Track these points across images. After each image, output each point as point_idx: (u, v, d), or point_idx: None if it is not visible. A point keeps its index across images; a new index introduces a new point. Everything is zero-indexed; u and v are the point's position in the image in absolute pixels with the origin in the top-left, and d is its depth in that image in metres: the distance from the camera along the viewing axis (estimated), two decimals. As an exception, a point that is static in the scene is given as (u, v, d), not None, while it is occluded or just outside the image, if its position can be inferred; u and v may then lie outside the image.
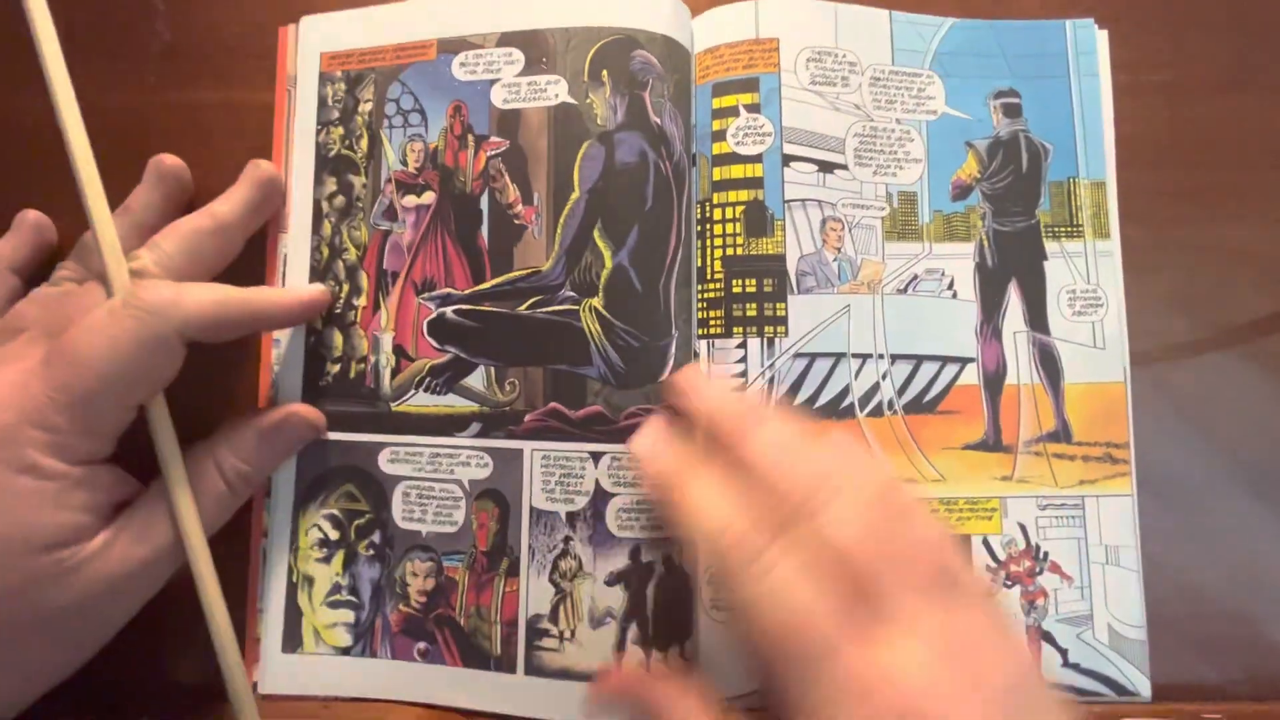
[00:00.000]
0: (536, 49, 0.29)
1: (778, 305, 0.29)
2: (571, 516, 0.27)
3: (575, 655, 0.27)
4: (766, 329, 0.29)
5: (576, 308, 0.28)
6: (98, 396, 0.23)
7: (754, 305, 0.29)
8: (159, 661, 0.28)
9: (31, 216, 0.30)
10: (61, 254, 0.29)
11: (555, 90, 0.29)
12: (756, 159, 0.29)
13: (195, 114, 0.31)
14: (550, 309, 0.28)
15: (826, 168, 0.30)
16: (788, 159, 0.29)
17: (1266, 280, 0.30)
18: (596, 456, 0.27)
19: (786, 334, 0.29)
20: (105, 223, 0.25)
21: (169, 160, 0.29)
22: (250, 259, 0.29)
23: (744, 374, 0.29)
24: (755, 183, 0.29)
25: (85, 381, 0.22)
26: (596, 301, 0.28)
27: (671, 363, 0.28)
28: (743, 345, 0.29)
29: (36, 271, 0.30)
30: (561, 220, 0.28)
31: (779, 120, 0.29)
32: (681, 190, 0.29)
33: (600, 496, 0.27)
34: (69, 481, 0.23)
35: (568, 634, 0.27)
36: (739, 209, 0.29)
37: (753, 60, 0.30)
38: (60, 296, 0.26)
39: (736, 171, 0.30)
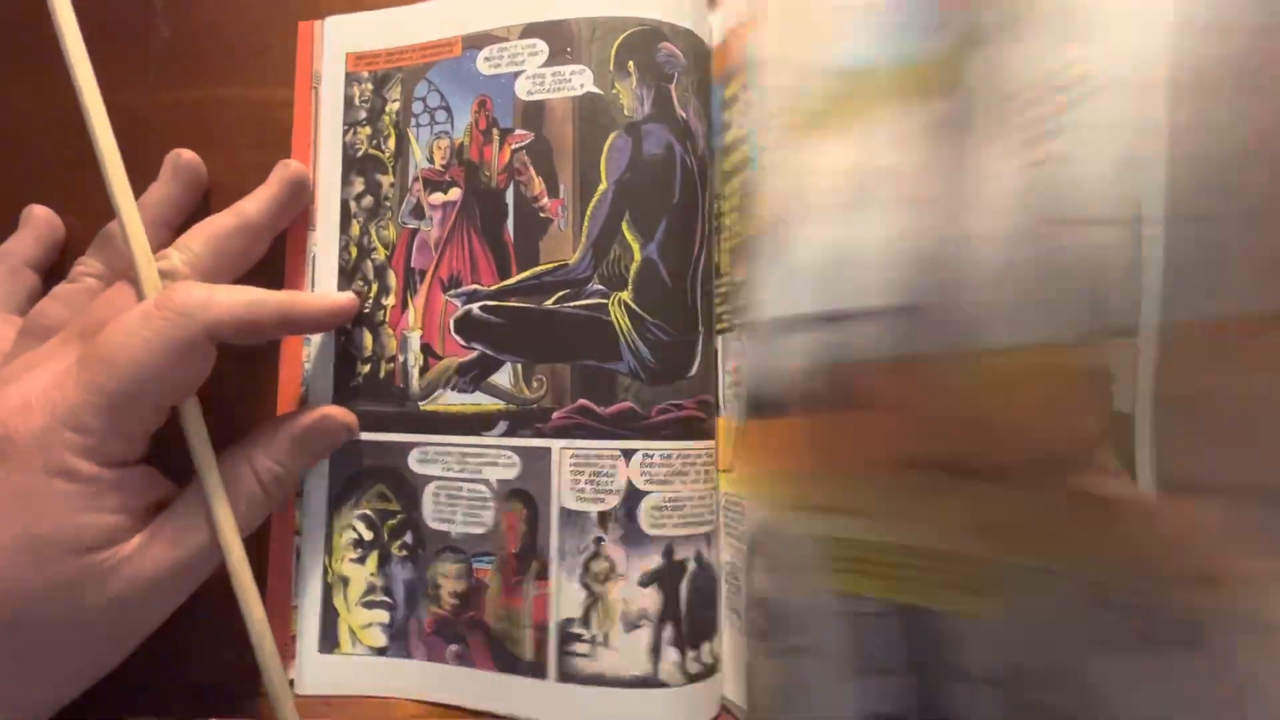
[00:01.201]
0: (560, 39, 0.28)
1: None
2: (603, 516, 0.26)
3: (608, 660, 0.26)
4: None
5: (605, 301, 0.27)
6: (131, 399, 0.23)
7: None
8: (186, 659, 0.28)
9: (39, 211, 0.30)
10: (70, 249, 0.30)
11: (580, 80, 0.28)
12: None
13: (197, 112, 0.31)
14: (578, 303, 0.27)
15: None
16: None
17: None
18: (628, 454, 0.27)
19: None
20: (134, 223, 0.25)
21: (186, 155, 0.29)
22: (277, 259, 0.30)
23: (739, 369, 0.27)
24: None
25: (118, 384, 0.22)
26: (626, 295, 0.27)
27: (699, 359, 0.27)
28: (740, 339, 0.27)
29: (50, 268, 0.30)
30: (588, 212, 0.28)
31: None
32: (705, 186, 0.28)
33: (632, 495, 0.26)
34: (103, 484, 0.23)
35: (600, 638, 0.26)
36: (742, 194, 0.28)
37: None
38: (86, 295, 0.27)
39: (738, 156, 0.28)
